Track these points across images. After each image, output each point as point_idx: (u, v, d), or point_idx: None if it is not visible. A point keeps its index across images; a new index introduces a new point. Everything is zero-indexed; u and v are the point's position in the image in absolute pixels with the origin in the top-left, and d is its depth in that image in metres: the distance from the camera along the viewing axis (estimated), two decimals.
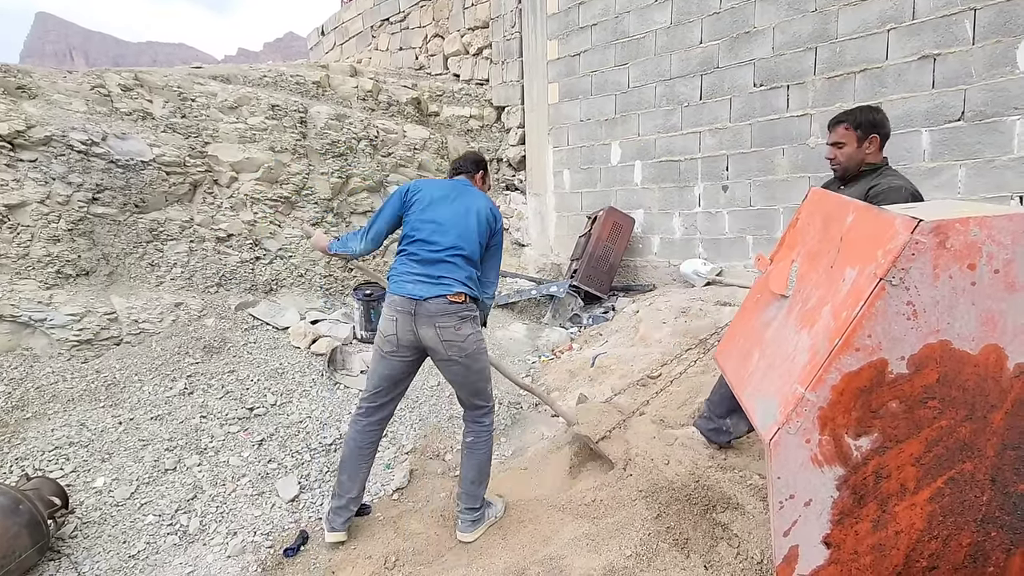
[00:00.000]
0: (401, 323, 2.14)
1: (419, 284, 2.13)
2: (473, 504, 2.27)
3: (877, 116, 2.12)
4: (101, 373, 3.19)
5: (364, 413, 2.29)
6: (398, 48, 7.81)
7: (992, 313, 1.07)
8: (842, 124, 2.15)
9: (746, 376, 1.46)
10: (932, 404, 1.13)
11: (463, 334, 2.14)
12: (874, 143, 2.11)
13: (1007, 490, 1.14)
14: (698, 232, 4.76)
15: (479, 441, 2.30)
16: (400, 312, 2.13)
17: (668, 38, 4.76)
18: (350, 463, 2.29)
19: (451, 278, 2.15)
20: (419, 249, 2.19)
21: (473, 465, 2.29)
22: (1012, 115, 3.20)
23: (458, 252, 2.18)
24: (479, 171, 2.47)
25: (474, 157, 2.50)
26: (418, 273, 2.15)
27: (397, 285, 2.17)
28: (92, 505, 2.47)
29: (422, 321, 2.11)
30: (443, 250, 2.17)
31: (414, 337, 2.14)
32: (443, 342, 2.12)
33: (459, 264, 2.17)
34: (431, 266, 2.15)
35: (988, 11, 3.23)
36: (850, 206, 1.30)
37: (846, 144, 2.13)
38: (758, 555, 1.83)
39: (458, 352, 2.14)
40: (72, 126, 3.67)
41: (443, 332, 2.11)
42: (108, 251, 3.70)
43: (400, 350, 2.18)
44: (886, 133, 2.13)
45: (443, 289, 2.12)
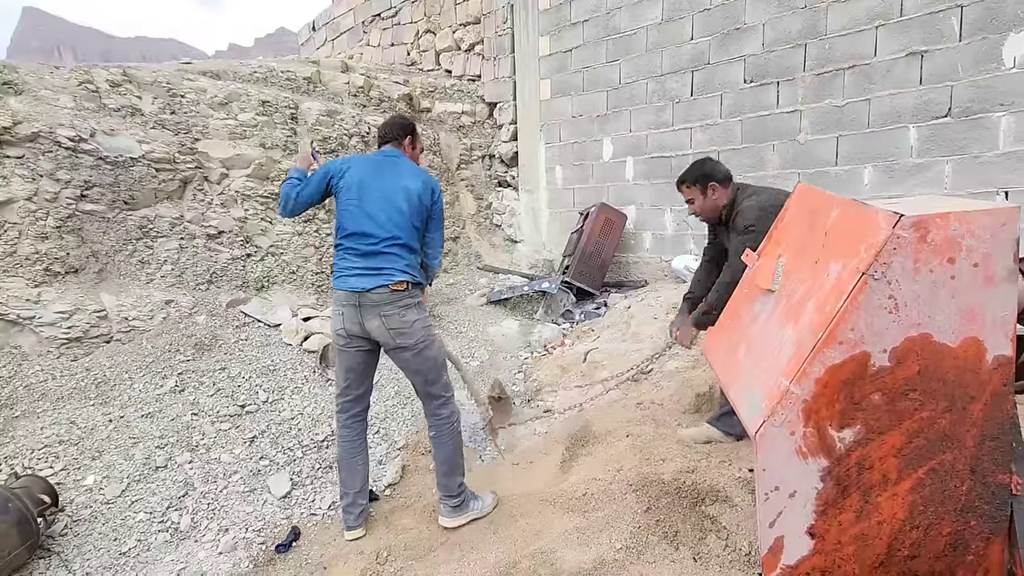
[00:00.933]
0: (347, 316, 2.18)
1: (360, 277, 2.15)
2: (450, 492, 2.31)
3: (706, 167, 2.47)
4: (91, 371, 3.17)
5: (341, 409, 2.35)
6: (390, 44, 7.77)
7: (971, 306, 1.09)
8: (684, 183, 2.50)
9: (733, 370, 1.48)
10: (913, 396, 1.15)
11: (408, 320, 2.17)
12: (715, 190, 2.44)
13: (986, 480, 1.17)
14: (690, 228, 4.78)
15: (442, 434, 2.31)
16: (345, 306, 2.18)
17: (659, 34, 4.77)
18: (345, 460, 2.34)
19: (391, 268, 2.16)
20: (356, 243, 2.19)
21: (442, 458, 2.31)
22: (998, 111, 3.24)
23: (394, 242, 2.18)
24: (407, 136, 2.38)
25: (400, 121, 2.41)
26: (359, 267, 2.17)
27: (340, 280, 2.20)
28: (82, 503, 2.46)
29: (367, 312, 2.15)
30: (379, 241, 2.17)
31: (361, 329, 2.18)
32: (389, 331, 2.15)
33: (397, 253, 2.18)
34: (370, 258, 2.17)
35: (975, 8, 3.26)
36: (834, 201, 1.32)
37: (694, 199, 2.49)
38: (746, 547, 1.85)
39: (405, 339, 2.17)
40: (60, 122, 3.63)
41: (388, 321, 2.14)
42: (97, 248, 3.67)
43: (352, 341, 2.22)
44: (721, 177, 2.45)
45: (384, 280, 2.14)
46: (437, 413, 2.32)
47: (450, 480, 2.31)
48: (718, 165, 2.50)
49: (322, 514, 2.58)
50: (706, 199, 2.45)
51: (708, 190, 2.44)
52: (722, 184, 2.44)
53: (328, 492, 2.68)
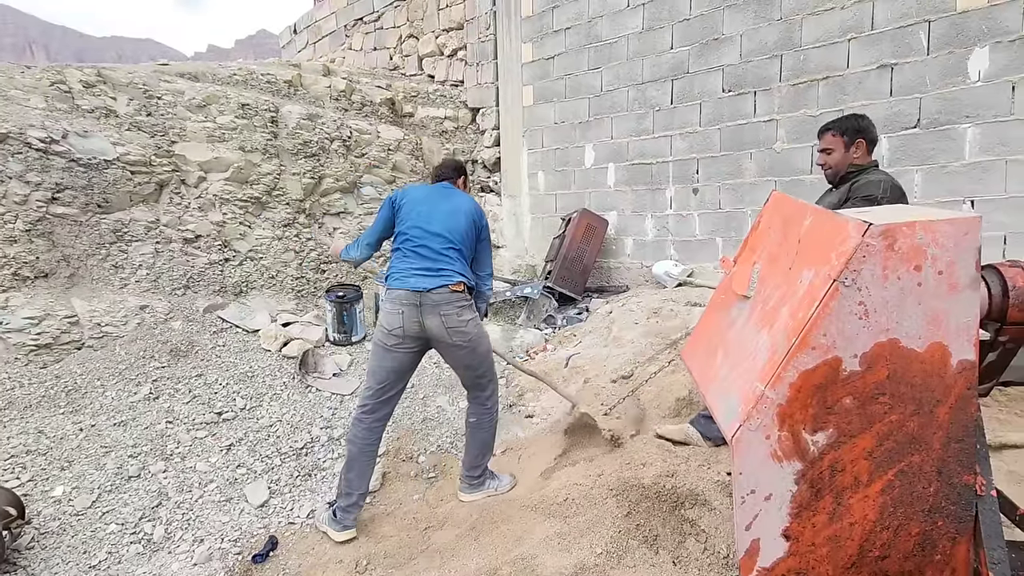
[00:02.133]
0: (407, 315, 2.27)
1: (421, 278, 2.28)
2: (474, 472, 2.50)
3: (862, 122, 2.26)
4: (61, 378, 3.09)
5: (369, 410, 2.38)
6: (372, 48, 7.74)
7: (937, 312, 1.12)
8: (829, 131, 2.28)
9: (711, 375, 1.50)
10: (883, 400, 1.18)
11: (465, 319, 2.31)
12: (860, 147, 2.24)
13: (952, 481, 1.20)
14: (670, 234, 4.85)
15: (483, 421, 2.49)
16: (406, 305, 2.27)
17: (640, 43, 4.84)
18: (358, 462, 2.37)
19: (450, 270, 2.32)
20: (416, 247, 2.34)
21: (477, 442, 2.49)
22: (964, 123, 3.35)
23: (452, 247, 2.35)
24: (460, 176, 2.65)
25: (455, 164, 2.69)
26: (418, 268, 2.30)
27: (399, 280, 2.31)
28: (50, 515, 2.39)
29: (427, 311, 2.26)
30: (439, 246, 2.33)
31: (419, 328, 2.28)
32: (448, 329, 2.27)
33: (454, 258, 2.35)
34: (430, 260, 2.31)
35: (941, 23, 3.38)
36: (807, 210, 1.35)
37: (834, 150, 2.27)
38: (724, 550, 1.88)
39: (462, 337, 2.30)
40: (30, 123, 3.54)
41: (447, 319, 2.27)
42: (69, 252, 3.58)
43: (406, 342, 2.31)
44: (872, 138, 2.26)
45: (444, 280, 2.28)
46: (484, 403, 2.49)
47: (480, 460, 2.49)
48: (873, 126, 2.30)
49: (300, 523, 2.54)
50: (846, 154, 2.24)
51: (854, 147, 2.24)
52: (868, 146, 2.26)
53: (307, 501, 2.65)
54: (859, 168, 2.24)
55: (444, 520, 2.43)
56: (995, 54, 3.22)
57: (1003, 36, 3.18)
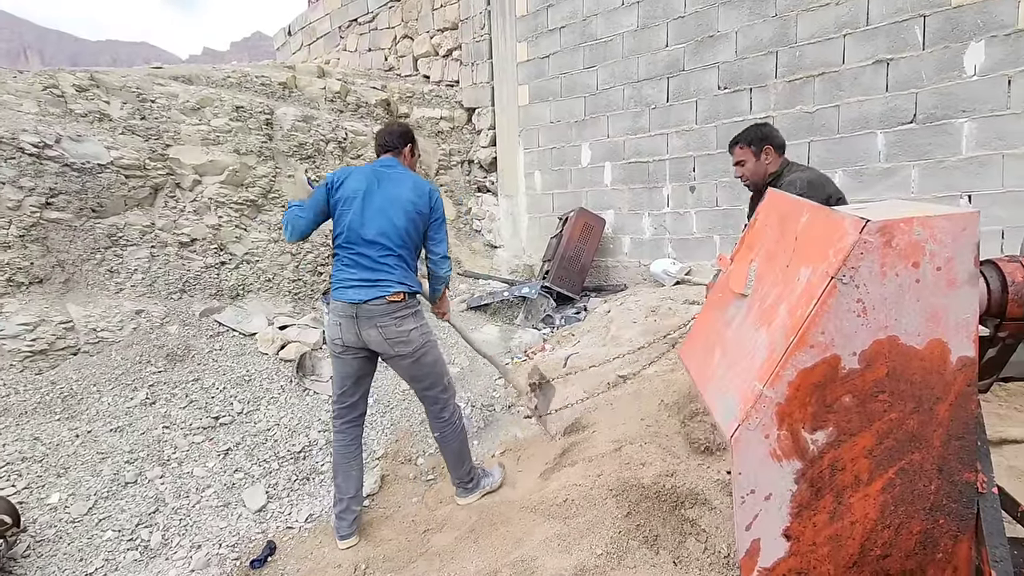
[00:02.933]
0: (345, 327, 2.22)
1: (358, 289, 2.19)
2: (463, 478, 2.48)
3: (764, 130, 2.38)
4: (56, 384, 3.07)
5: (337, 415, 2.37)
6: (367, 49, 7.73)
7: (935, 309, 1.11)
8: (737, 144, 2.41)
9: (708, 373, 1.49)
10: (882, 398, 1.17)
11: (406, 330, 2.22)
12: (768, 153, 2.36)
13: (953, 479, 1.19)
14: (667, 232, 4.84)
15: (447, 434, 2.42)
16: (343, 317, 2.22)
17: (635, 41, 4.83)
18: (340, 465, 2.37)
19: (387, 280, 2.21)
20: (353, 255, 2.23)
21: (450, 454, 2.46)
22: (960, 118, 3.34)
23: (390, 253, 2.22)
24: (406, 144, 2.40)
25: (400, 130, 2.41)
26: (356, 279, 2.21)
27: (338, 291, 2.24)
28: (46, 522, 2.37)
29: (364, 324, 2.19)
30: (375, 254, 2.21)
31: (358, 339, 2.22)
32: (387, 340, 2.20)
33: (393, 265, 2.22)
34: (367, 271, 2.21)
35: (937, 18, 3.37)
36: (804, 207, 1.34)
37: (745, 161, 2.40)
38: (725, 549, 1.87)
39: (403, 347, 2.23)
40: (23, 128, 3.52)
41: (385, 331, 2.19)
42: (63, 258, 3.56)
43: (348, 351, 2.27)
44: (778, 143, 2.37)
45: (380, 291, 2.19)
46: (439, 416, 2.41)
47: (461, 468, 2.46)
48: (775, 131, 2.40)
49: (299, 527, 2.52)
50: (758, 162, 2.37)
51: (763, 154, 2.36)
52: (777, 151, 2.36)
53: (305, 504, 2.63)
54: (776, 174, 2.34)
55: (443, 522, 2.42)
56: (991, 48, 3.21)
57: (998, 30, 3.18)
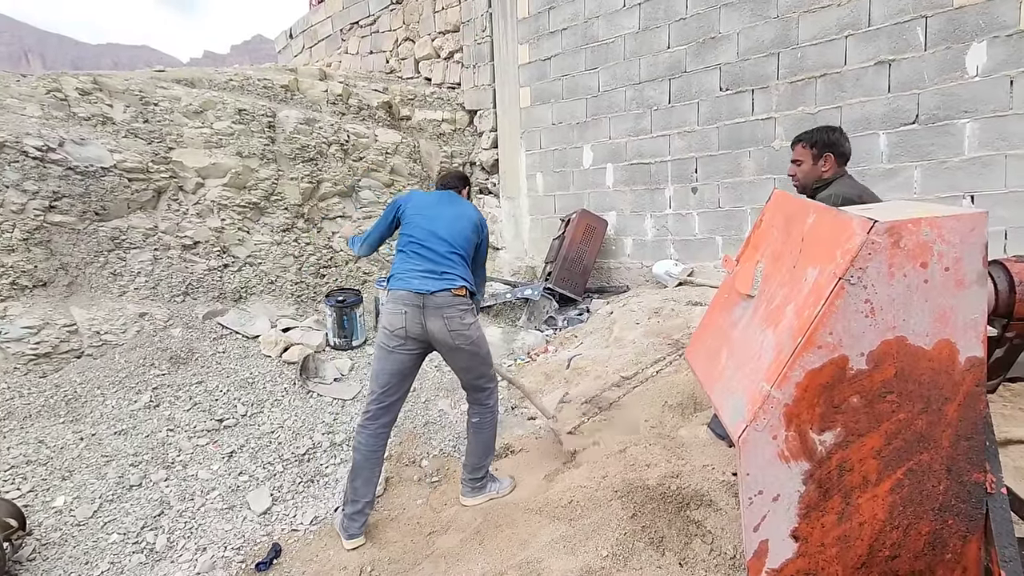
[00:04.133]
0: (410, 316, 2.27)
1: (425, 279, 2.29)
2: (476, 475, 2.49)
3: (833, 135, 2.23)
4: (60, 388, 3.07)
5: (372, 416, 2.35)
6: (368, 52, 7.74)
7: (944, 309, 1.11)
8: (800, 143, 2.28)
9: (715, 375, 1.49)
10: (891, 398, 1.17)
11: (467, 323, 2.32)
12: (828, 161, 2.22)
13: (962, 479, 1.19)
14: (669, 233, 4.84)
15: (484, 421, 2.48)
16: (408, 306, 2.27)
17: (637, 43, 4.84)
18: (364, 469, 2.34)
19: (453, 274, 2.33)
20: (420, 249, 2.36)
21: (479, 442, 2.49)
22: (962, 118, 3.34)
23: (455, 251, 2.37)
24: (465, 187, 2.69)
25: (460, 174, 2.72)
26: (422, 270, 2.31)
27: (403, 281, 2.31)
28: (52, 526, 2.37)
29: (430, 313, 2.26)
30: (443, 249, 2.35)
31: (422, 329, 2.28)
32: (451, 332, 2.28)
33: (457, 262, 2.37)
34: (434, 263, 2.32)
35: (938, 18, 3.37)
36: (810, 208, 1.34)
37: (803, 162, 2.27)
38: (731, 550, 1.87)
39: (464, 340, 2.31)
40: (26, 132, 3.53)
41: (450, 322, 2.27)
42: (67, 261, 3.57)
43: (407, 343, 2.30)
44: (842, 152, 2.23)
45: (447, 283, 2.29)
46: (485, 403, 2.49)
47: (482, 462, 2.49)
48: (845, 139, 2.27)
49: (304, 529, 2.52)
50: (814, 167, 2.25)
51: (823, 160, 2.23)
52: (838, 160, 2.24)
53: (310, 507, 2.63)
54: (826, 182, 2.23)
55: (448, 524, 2.41)
56: (993, 49, 3.21)
57: (1000, 31, 3.18)
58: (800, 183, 2.31)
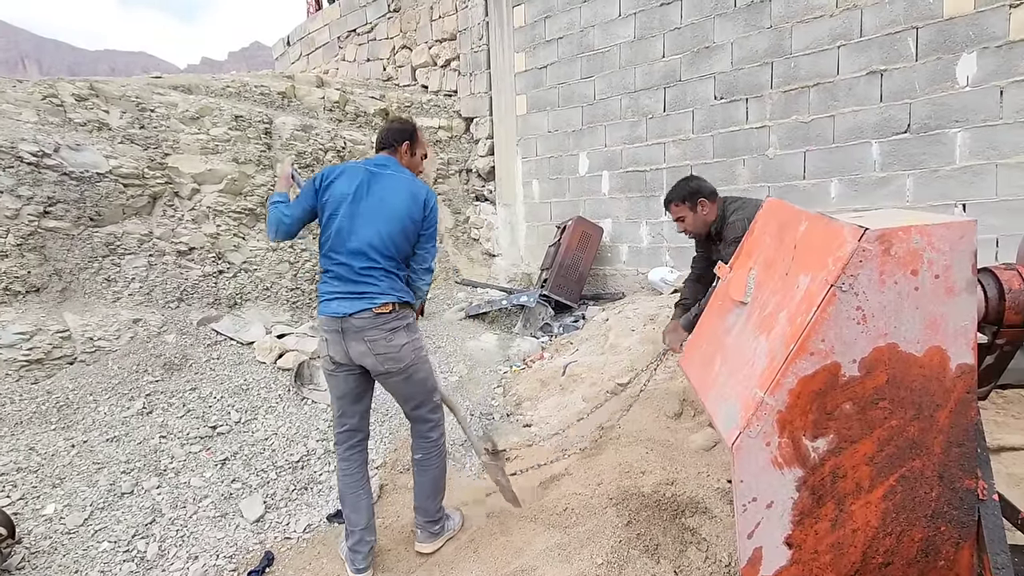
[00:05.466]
0: (332, 343, 2.06)
1: (342, 301, 2.03)
2: (429, 516, 2.24)
3: (692, 184, 2.49)
4: (52, 394, 3.05)
5: (338, 441, 2.21)
6: (365, 59, 7.78)
7: (934, 316, 1.12)
8: (672, 203, 2.50)
9: (709, 381, 1.49)
10: (883, 405, 1.17)
11: (396, 345, 2.05)
12: (704, 205, 2.45)
13: (954, 486, 1.19)
14: (665, 240, 4.86)
15: (429, 457, 2.24)
16: (329, 332, 2.06)
17: (632, 52, 4.88)
18: (348, 496, 2.18)
19: (373, 291, 2.04)
20: (336, 266, 2.07)
21: (426, 481, 2.24)
22: (953, 128, 3.38)
23: (374, 266, 2.05)
24: (404, 140, 2.21)
25: (398, 126, 2.24)
26: (340, 291, 2.05)
27: (323, 305, 2.08)
28: (41, 534, 2.35)
29: (351, 338, 2.03)
30: (359, 265, 2.04)
31: (345, 355, 2.06)
32: (375, 356, 2.03)
33: (379, 276, 2.05)
34: (351, 283, 2.04)
35: (929, 29, 3.42)
36: (802, 215, 1.35)
37: (685, 217, 2.49)
38: (726, 558, 1.86)
39: (393, 364, 2.06)
40: (22, 137, 3.53)
41: (374, 346, 2.02)
42: (61, 266, 3.55)
43: (340, 368, 2.10)
44: (709, 192, 2.47)
45: (366, 303, 2.02)
46: (427, 436, 2.25)
47: (432, 503, 2.24)
48: (703, 182, 2.52)
49: (297, 537, 2.50)
50: (696, 216, 2.47)
51: (698, 207, 2.45)
52: (710, 200, 2.46)
53: (303, 515, 2.61)
54: (719, 219, 2.45)
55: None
56: (983, 59, 3.26)
57: (990, 41, 3.23)
58: (693, 234, 2.54)
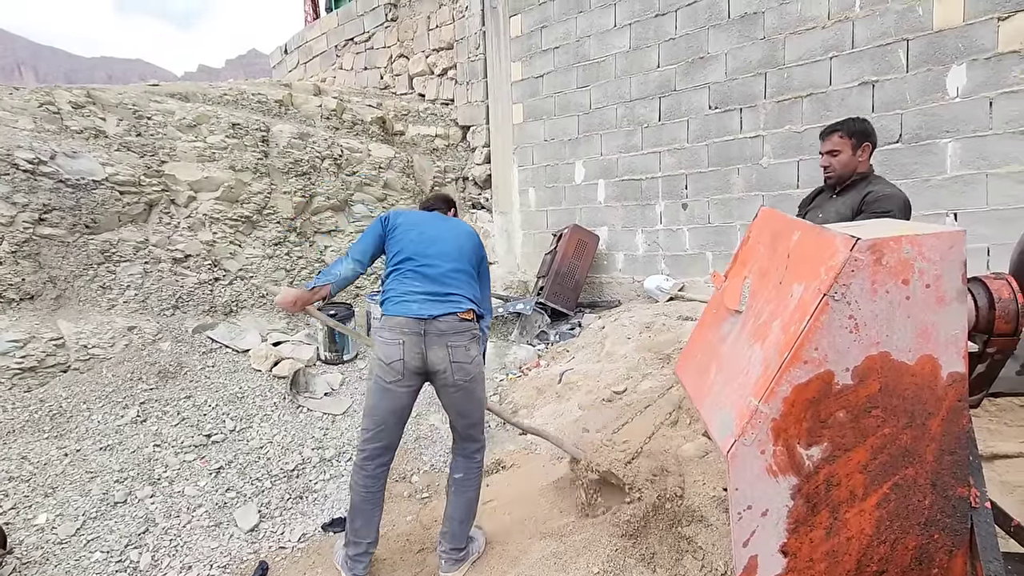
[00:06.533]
0: (408, 346, 1.93)
1: (426, 302, 1.96)
2: (459, 544, 2.11)
3: (868, 126, 2.19)
4: (46, 402, 3.03)
5: (369, 456, 2.04)
6: (363, 68, 7.81)
7: (926, 325, 1.13)
8: (836, 132, 2.19)
9: (704, 389, 1.50)
10: (876, 413, 1.18)
11: (471, 355, 2.01)
12: (866, 151, 2.17)
13: (947, 494, 1.20)
14: (660, 248, 4.88)
15: (469, 478, 2.13)
16: (407, 334, 1.93)
17: (627, 62, 4.92)
18: (363, 511, 2.06)
19: (459, 294, 2.01)
20: (418, 267, 2.02)
21: (462, 503, 2.12)
22: (944, 138, 3.42)
23: (460, 268, 2.07)
24: (450, 209, 2.44)
25: (445, 196, 2.48)
26: (423, 291, 1.98)
27: (399, 305, 1.97)
28: (33, 544, 2.32)
29: (432, 341, 1.94)
30: (446, 265, 2.04)
31: (422, 361, 1.95)
32: (453, 363, 1.96)
33: (463, 281, 2.05)
34: (436, 283, 2.00)
35: (919, 41, 3.47)
36: (795, 225, 1.37)
37: (841, 152, 2.17)
38: (722, 566, 1.86)
39: (464, 376, 1.99)
40: (18, 144, 3.52)
41: (455, 353, 1.96)
42: (55, 274, 3.54)
43: (406, 377, 1.97)
44: (876, 143, 2.21)
45: (453, 307, 1.98)
46: (472, 456, 2.14)
47: (463, 528, 2.12)
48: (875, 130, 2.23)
49: (292, 547, 2.49)
50: (853, 157, 2.17)
51: (861, 150, 2.16)
52: (872, 150, 2.19)
53: (298, 524, 2.60)
54: (863, 176, 2.18)
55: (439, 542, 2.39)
56: (972, 71, 3.30)
57: (979, 54, 3.28)
58: (836, 174, 2.21)
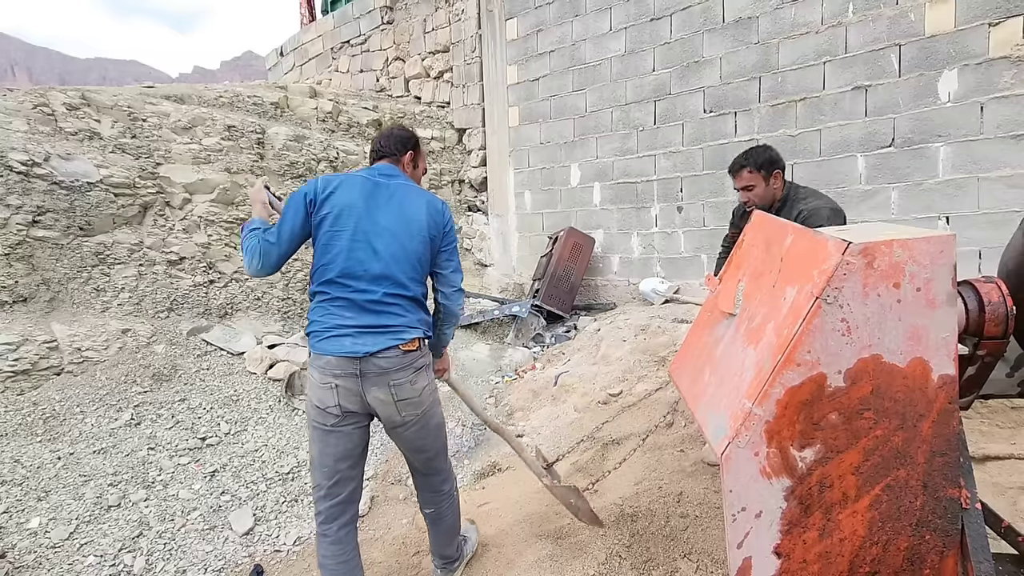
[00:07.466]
0: (344, 390, 1.64)
1: (360, 336, 1.64)
2: (451, 556, 2.02)
3: (772, 153, 2.29)
4: (39, 405, 3.01)
5: (328, 518, 1.73)
6: (359, 70, 7.82)
7: (917, 328, 1.15)
8: (745, 168, 2.28)
9: (699, 392, 1.51)
10: (868, 415, 1.19)
11: (419, 388, 1.71)
12: (778, 178, 2.27)
13: (937, 495, 1.21)
14: (655, 251, 4.90)
15: (444, 510, 1.93)
16: (340, 376, 1.63)
17: (623, 65, 4.95)
18: None
19: (400, 323, 1.67)
20: (348, 292, 1.66)
21: (442, 532, 1.96)
22: (936, 142, 3.46)
23: (404, 293, 1.70)
24: (407, 151, 1.88)
25: (401, 134, 1.89)
26: (355, 324, 1.64)
27: (329, 341, 1.64)
28: (26, 548, 2.31)
29: (371, 382, 1.64)
30: (383, 290, 1.67)
31: (361, 404, 1.67)
32: (398, 403, 1.67)
33: (407, 307, 1.70)
34: (371, 313, 1.65)
35: (911, 47, 3.51)
36: (788, 228, 1.38)
37: (755, 185, 2.27)
38: (716, 570, 1.87)
39: (412, 411, 1.71)
40: (11, 146, 3.51)
41: (399, 391, 1.66)
42: (49, 276, 3.52)
43: (346, 418, 1.68)
44: (783, 165, 2.30)
45: (393, 339, 1.65)
46: (439, 489, 1.90)
47: (450, 547, 1.99)
48: (778, 153, 2.31)
49: (287, 550, 2.48)
50: (768, 187, 2.26)
51: (772, 178, 2.26)
52: (782, 174, 2.28)
53: (293, 527, 2.59)
54: (784, 198, 2.27)
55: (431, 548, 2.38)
56: (963, 76, 3.34)
57: (970, 59, 3.31)
58: (760, 207, 2.27)
